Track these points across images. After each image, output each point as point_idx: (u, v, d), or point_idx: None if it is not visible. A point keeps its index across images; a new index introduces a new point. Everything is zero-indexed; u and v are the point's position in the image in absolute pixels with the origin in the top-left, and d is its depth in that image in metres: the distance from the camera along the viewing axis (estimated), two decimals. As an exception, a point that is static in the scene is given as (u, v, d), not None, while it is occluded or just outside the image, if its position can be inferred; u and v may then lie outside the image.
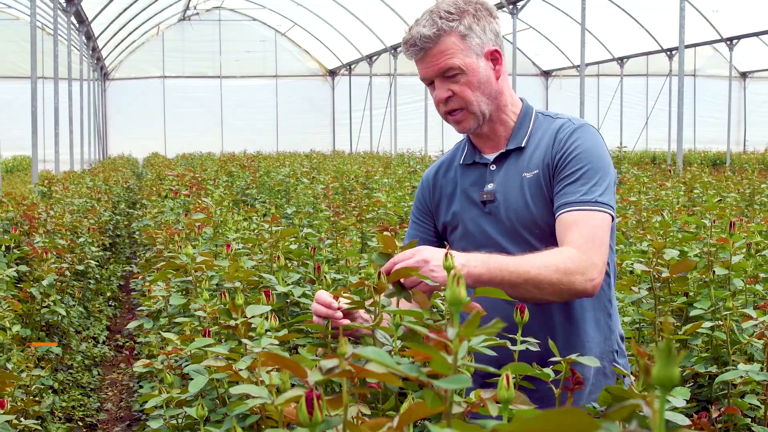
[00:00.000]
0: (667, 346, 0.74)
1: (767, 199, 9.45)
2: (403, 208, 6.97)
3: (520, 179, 2.74)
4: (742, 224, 6.05)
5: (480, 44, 2.71)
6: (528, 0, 24.03)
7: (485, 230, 2.78)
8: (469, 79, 2.71)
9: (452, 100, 2.73)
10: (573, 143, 2.66)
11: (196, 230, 5.09)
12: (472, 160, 2.88)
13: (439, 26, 2.68)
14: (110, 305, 9.81)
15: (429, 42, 2.68)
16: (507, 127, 2.82)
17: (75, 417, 6.22)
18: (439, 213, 2.93)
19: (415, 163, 19.49)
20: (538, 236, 2.69)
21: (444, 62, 2.69)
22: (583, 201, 2.56)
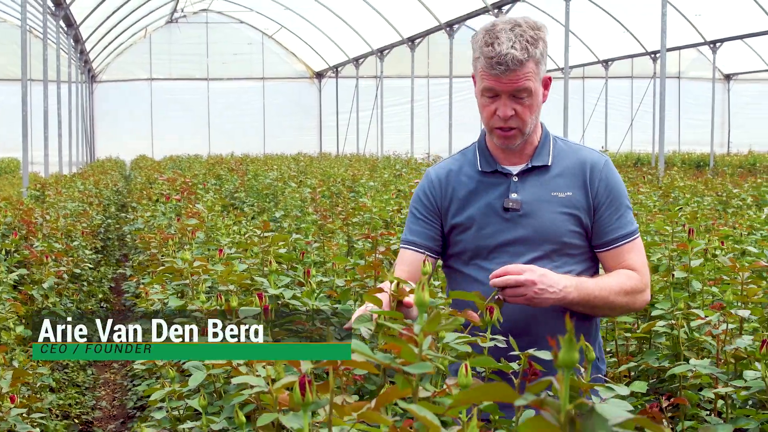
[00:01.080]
0: (569, 337, 0.98)
1: (741, 203, 9.71)
2: (388, 212, 7.21)
3: (550, 197, 2.97)
4: (714, 228, 6.31)
5: (544, 70, 2.93)
6: (513, 4, 24.23)
7: (502, 236, 2.96)
8: (532, 102, 2.91)
9: (513, 120, 2.91)
10: (610, 179, 2.99)
11: (188, 235, 5.32)
12: (492, 168, 3.04)
13: (529, 52, 2.84)
14: (102, 307, 10.01)
15: (518, 65, 2.83)
16: (532, 145, 3.02)
17: (72, 414, 6.44)
18: (448, 214, 3.06)
19: (401, 166, 19.72)
20: (554, 249, 2.94)
21: (522, 83, 2.85)
22: (631, 232, 2.96)
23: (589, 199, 2.96)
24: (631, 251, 2.95)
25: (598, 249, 2.98)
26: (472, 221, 3.00)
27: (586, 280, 2.80)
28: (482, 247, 2.98)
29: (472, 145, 3.14)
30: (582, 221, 2.95)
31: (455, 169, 3.10)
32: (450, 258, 3.09)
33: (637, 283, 2.88)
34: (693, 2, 28.55)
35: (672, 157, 35.08)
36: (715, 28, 29.28)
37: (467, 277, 3.01)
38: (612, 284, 2.83)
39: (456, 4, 26.55)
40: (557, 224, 2.94)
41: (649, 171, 16.76)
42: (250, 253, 4.81)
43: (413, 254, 3.07)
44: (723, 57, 36.55)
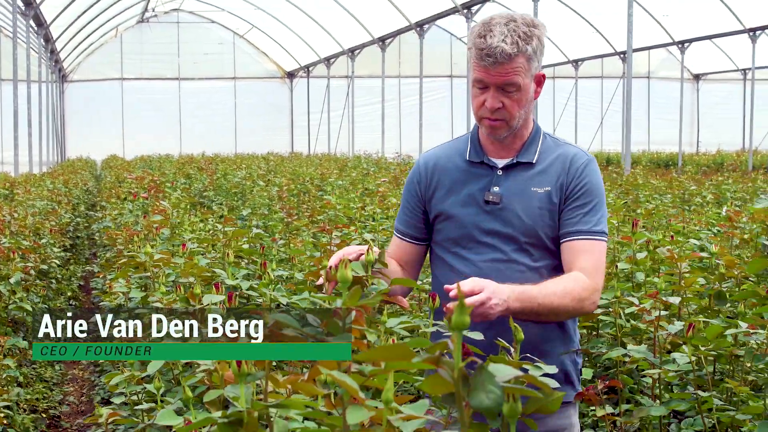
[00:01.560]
0: (461, 303, 1.11)
1: (702, 200, 9.91)
2: (352, 209, 7.34)
3: (530, 192, 3.02)
4: (669, 224, 6.48)
5: (536, 67, 2.96)
6: (482, 4, 24.37)
7: (481, 228, 3.02)
8: (520, 96, 2.95)
9: (499, 111, 2.95)
10: (587, 176, 3.01)
11: (154, 231, 5.43)
12: (479, 159, 3.09)
13: (519, 47, 2.88)
14: (71, 305, 10.08)
15: (506, 59, 2.88)
16: (521, 140, 3.07)
17: (39, 408, 6.53)
18: (432, 201, 3.13)
19: (369, 165, 19.85)
20: (532, 243, 2.99)
21: (510, 78, 2.90)
22: (593, 231, 2.96)
23: (562, 191, 3.01)
24: (586, 251, 2.95)
25: (560, 241, 3.02)
26: (454, 211, 3.07)
27: (529, 288, 2.80)
28: (462, 237, 3.05)
29: (467, 134, 3.21)
30: (555, 215, 3.01)
31: (445, 156, 3.17)
32: (434, 244, 3.16)
33: (585, 286, 2.88)
34: (661, 3, 28.79)
35: (641, 156, 35.35)
36: (684, 29, 29.54)
37: (447, 264, 3.08)
38: (557, 290, 2.83)
39: (426, 5, 26.70)
40: (534, 219, 2.99)
41: (615, 170, 16.93)
42: (215, 248, 4.93)
43: (399, 241, 3.21)
44: (692, 57, 36.86)
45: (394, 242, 3.25)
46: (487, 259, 3.01)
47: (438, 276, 3.11)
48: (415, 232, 3.17)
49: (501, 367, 1.17)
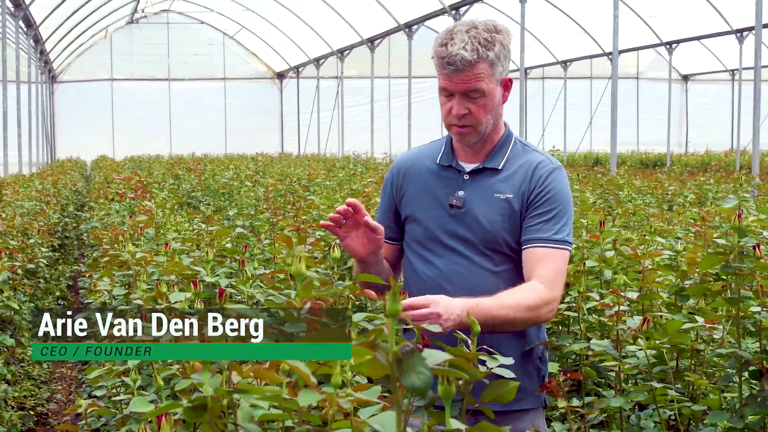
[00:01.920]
0: (393, 292, 1.22)
1: (683, 200, 10.03)
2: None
3: (493, 198, 3.04)
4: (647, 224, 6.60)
5: (501, 72, 2.99)
6: (470, 5, 24.48)
7: (445, 231, 3.05)
8: (486, 102, 2.97)
9: (466, 118, 2.98)
10: (550, 183, 3.01)
11: (139, 231, 5.53)
12: (449, 163, 3.12)
13: (479, 53, 2.91)
14: (59, 304, 10.17)
15: (467, 66, 2.90)
16: (491, 144, 3.10)
17: (27, 406, 6.63)
18: (403, 203, 3.19)
19: (359, 166, 19.95)
20: (492, 248, 3.02)
21: (472, 84, 2.93)
22: (554, 240, 2.96)
23: (524, 198, 3.02)
24: (546, 259, 2.96)
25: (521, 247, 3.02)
26: (420, 213, 3.12)
27: (483, 301, 2.79)
28: (427, 239, 3.09)
29: (442, 138, 3.24)
30: (516, 221, 3.02)
31: (418, 159, 3.21)
32: (405, 244, 3.21)
33: (542, 295, 2.88)
34: (648, 4, 28.92)
35: (630, 156, 35.48)
36: (671, 30, 29.68)
37: (413, 265, 3.13)
38: (512, 302, 2.84)
39: (414, 6, 26.81)
40: (494, 225, 3.01)
41: (600, 171, 17.06)
42: (199, 248, 5.03)
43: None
44: (681, 58, 37.00)
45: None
46: (449, 262, 3.04)
47: (406, 276, 3.18)
48: (389, 233, 3.20)
49: (432, 351, 1.29)
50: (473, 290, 2.94)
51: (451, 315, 2.69)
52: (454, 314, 2.69)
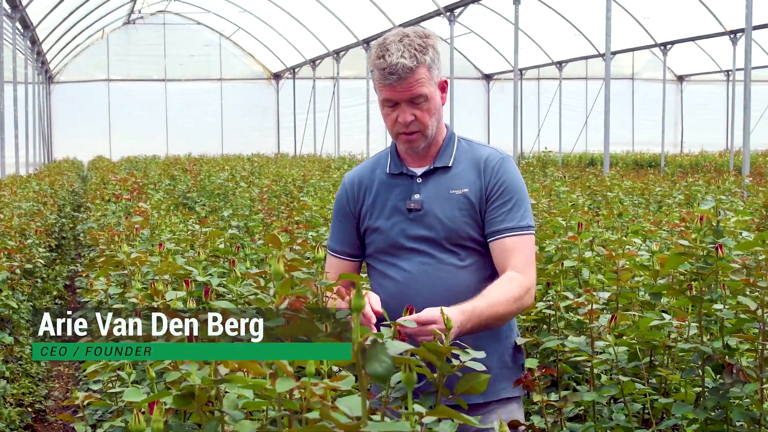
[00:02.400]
0: (358, 289, 1.36)
1: (672, 201, 10.18)
2: (327, 210, 7.59)
3: (449, 195, 3.13)
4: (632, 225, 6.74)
5: (437, 75, 3.09)
6: (465, 7, 24.61)
7: (407, 235, 3.13)
8: (429, 106, 3.07)
9: (413, 124, 3.07)
10: (503, 174, 3.11)
11: (134, 231, 5.67)
12: (399, 170, 3.21)
13: (418, 59, 3.00)
14: (57, 304, 10.31)
15: (408, 72, 2.99)
16: (436, 146, 3.19)
17: (25, 402, 6.77)
18: (361, 216, 3.25)
19: (350, 166, 20.08)
20: (456, 243, 3.10)
21: (416, 90, 3.02)
22: (521, 227, 3.07)
23: (481, 192, 3.12)
24: (516, 248, 3.06)
25: (487, 240, 3.11)
26: (380, 223, 3.19)
27: (476, 305, 2.87)
28: (391, 246, 3.16)
29: (387, 149, 3.33)
30: (477, 215, 3.11)
31: (368, 172, 3.29)
32: (368, 257, 3.27)
33: (522, 285, 2.99)
34: (643, 5, 29.05)
35: (625, 157, 35.61)
36: (666, 31, 29.79)
37: (380, 272, 3.20)
38: (500, 298, 2.94)
39: (409, 7, 26.95)
40: (455, 221, 3.10)
41: (592, 171, 17.21)
42: (193, 248, 5.17)
43: (335, 260, 3.32)
44: (676, 59, 37.13)
45: (329, 264, 3.34)
46: (416, 263, 3.12)
47: (374, 286, 3.22)
48: (349, 249, 3.29)
49: (395, 342, 1.43)
50: (442, 287, 3.07)
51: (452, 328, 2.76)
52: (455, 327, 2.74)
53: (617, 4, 28.53)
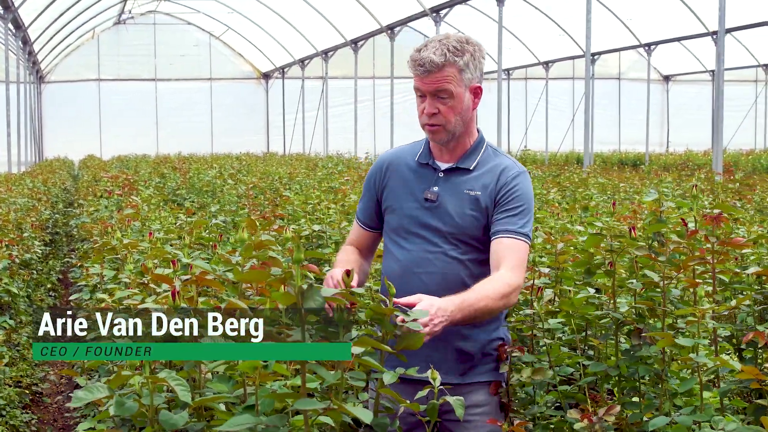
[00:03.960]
0: (297, 243, 1.79)
1: (637, 198, 10.63)
2: (308, 204, 8.03)
3: (463, 194, 3.41)
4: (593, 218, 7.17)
5: (470, 79, 3.35)
6: (450, 8, 24.97)
7: (418, 221, 3.43)
8: (454, 104, 3.34)
9: (436, 117, 3.35)
10: (517, 185, 3.38)
11: (126, 223, 6.10)
12: (426, 161, 3.50)
13: (447, 57, 3.29)
14: (50, 296, 10.73)
15: (435, 67, 3.29)
16: (464, 148, 3.47)
17: (23, 384, 7.19)
18: (384, 195, 3.56)
19: (337, 165, 20.50)
20: (459, 239, 3.38)
21: (440, 85, 3.31)
22: (519, 232, 3.33)
23: (492, 196, 3.38)
24: (512, 249, 3.31)
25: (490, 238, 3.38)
26: (398, 204, 3.49)
27: (467, 297, 3.13)
28: (401, 228, 3.47)
29: (424, 138, 3.60)
30: (483, 217, 3.39)
31: (400, 156, 3.60)
32: (384, 232, 3.59)
33: (511, 283, 3.24)
34: (626, 6, 29.44)
35: (610, 156, 36.01)
36: (649, 31, 30.17)
37: (389, 250, 3.52)
38: (489, 293, 3.18)
39: (396, 8, 27.31)
40: (464, 219, 3.38)
41: (570, 169, 17.66)
42: (181, 237, 5.60)
43: (358, 228, 3.68)
44: (662, 59, 37.55)
45: (354, 229, 3.72)
46: (421, 249, 3.41)
47: (384, 259, 3.56)
48: (368, 221, 3.64)
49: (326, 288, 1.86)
50: (439, 275, 3.38)
51: (443, 317, 3.01)
52: (445, 315, 3.01)
53: (602, 5, 28.98)
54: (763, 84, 36.61)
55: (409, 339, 2.70)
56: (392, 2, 27.47)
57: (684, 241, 3.13)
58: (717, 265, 3.00)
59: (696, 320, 2.89)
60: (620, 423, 3.12)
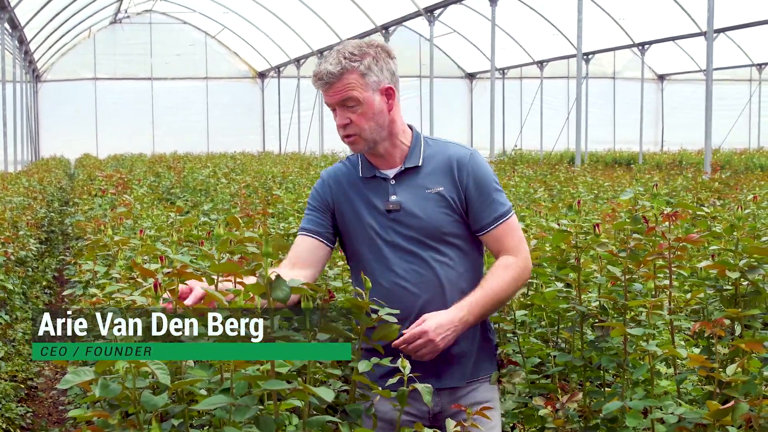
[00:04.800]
0: (266, 238, 1.96)
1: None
2: (298, 203, 8.20)
3: (424, 194, 3.28)
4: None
5: (377, 81, 3.21)
6: (444, 8, 25.15)
7: (390, 235, 3.28)
8: (364, 110, 3.21)
9: (349, 127, 3.23)
10: (475, 169, 3.28)
11: (119, 221, 6.26)
12: (372, 174, 3.33)
13: (342, 65, 3.17)
14: (46, 293, 10.89)
15: (333, 77, 3.17)
16: (401, 149, 3.33)
17: (18, 378, 7.35)
18: (338, 216, 3.37)
19: (328, 164, 20.66)
20: (436, 239, 3.27)
21: (343, 94, 3.19)
22: (502, 214, 3.27)
23: (459, 190, 3.27)
24: (507, 232, 3.27)
25: (478, 233, 3.30)
26: (361, 224, 3.32)
27: (477, 296, 3.13)
28: (372, 247, 3.30)
29: (355, 154, 3.43)
30: (456, 210, 3.28)
31: (343, 175, 3.41)
32: (350, 257, 3.43)
33: (518, 264, 3.24)
34: (620, 5, 29.61)
35: (605, 155, 36.18)
36: (643, 31, 30.34)
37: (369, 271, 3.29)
38: (496, 285, 3.19)
39: (391, 8, 27.50)
40: (434, 218, 3.26)
41: (560, 169, 17.85)
42: (169, 235, 5.77)
43: (302, 239, 3.37)
44: (656, 58, 37.72)
45: (296, 243, 3.41)
46: (402, 262, 3.27)
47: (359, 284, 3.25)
48: (322, 230, 3.37)
49: (293, 279, 2.03)
50: (431, 283, 3.25)
51: (447, 330, 3.06)
52: (449, 327, 3.06)
53: (595, 5, 29.16)
54: (757, 83, 36.72)
55: (384, 330, 2.84)
56: (387, 2, 27.65)
57: (643, 237, 3.29)
58: (674, 260, 3.16)
59: (647, 311, 3.06)
60: (584, 410, 3.29)
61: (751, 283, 3.14)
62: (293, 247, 3.41)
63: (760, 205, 7.46)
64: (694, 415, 2.63)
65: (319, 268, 3.38)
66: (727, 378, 2.62)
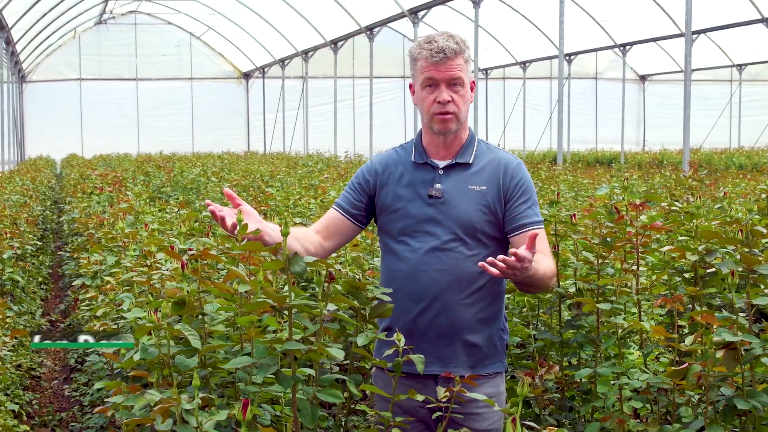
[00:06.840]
0: (285, 220, 2.28)
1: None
2: (290, 200, 8.51)
3: (468, 189, 3.44)
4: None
5: (470, 74, 3.47)
6: (428, 10, 25.43)
7: (426, 219, 3.44)
8: (464, 93, 3.42)
9: (450, 105, 3.39)
10: (521, 177, 3.46)
11: (120, 217, 6.58)
12: (423, 161, 3.51)
13: (461, 46, 3.40)
14: (42, 288, 11.17)
15: (453, 53, 3.37)
16: (460, 143, 3.52)
17: (23, 368, 7.65)
18: (381, 195, 3.54)
19: (316, 164, 20.94)
20: (468, 234, 3.42)
21: (456, 72, 3.39)
22: (539, 221, 3.43)
23: (501, 192, 3.44)
24: (542, 237, 3.39)
25: (511, 234, 3.44)
26: (402, 204, 3.49)
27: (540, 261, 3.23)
28: (408, 226, 3.46)
29: (411, 140, 3.64)
30: (492, 211, 3.43)
31: (394, 158, 3.60)
32: (383, 234, 3.57)
33: (553, 268, 3.38)
34: (601, 7, 29.94)
35: (587, 155, 36.53)
36: (624, 32, 30.67)
37: (393, 251, 3.50)
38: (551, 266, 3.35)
39: (375, 10, 27.73)
40: (470, 213, 3.42)
41: (542, 168, 18.19)
42: (171, 228, 6.08)
43: (333, 212, 3.60)
44: (638, 59, 38.10)
45: (327, 215, 3.64)
46: (429, 246, 3.42)
47: (386, 261, 3.56)
48: (353, 210, 3.57)
49: (309, 258, 2.36)
50: (449, 271, 3.40)
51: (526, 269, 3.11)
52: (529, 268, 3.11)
53: (577, 6, 29.52)
54: (738, 84, 37.16)
55: (380, 309, 3.16)
56: (371, 3, 27.88)
57: (614, 225, 3.63)
58: (641, 246, 3.51)
59: (614, 288, 3.40)
60: (561, 382, 3.63)
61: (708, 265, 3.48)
62: (325, 215, 3.65)
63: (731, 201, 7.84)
64: (657, 380, 2.97)
65: (341, 240, 3.60)
66: (686, 348, 2.96)
